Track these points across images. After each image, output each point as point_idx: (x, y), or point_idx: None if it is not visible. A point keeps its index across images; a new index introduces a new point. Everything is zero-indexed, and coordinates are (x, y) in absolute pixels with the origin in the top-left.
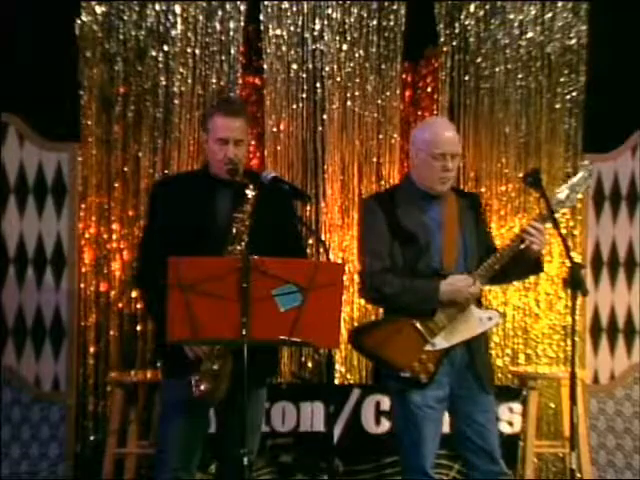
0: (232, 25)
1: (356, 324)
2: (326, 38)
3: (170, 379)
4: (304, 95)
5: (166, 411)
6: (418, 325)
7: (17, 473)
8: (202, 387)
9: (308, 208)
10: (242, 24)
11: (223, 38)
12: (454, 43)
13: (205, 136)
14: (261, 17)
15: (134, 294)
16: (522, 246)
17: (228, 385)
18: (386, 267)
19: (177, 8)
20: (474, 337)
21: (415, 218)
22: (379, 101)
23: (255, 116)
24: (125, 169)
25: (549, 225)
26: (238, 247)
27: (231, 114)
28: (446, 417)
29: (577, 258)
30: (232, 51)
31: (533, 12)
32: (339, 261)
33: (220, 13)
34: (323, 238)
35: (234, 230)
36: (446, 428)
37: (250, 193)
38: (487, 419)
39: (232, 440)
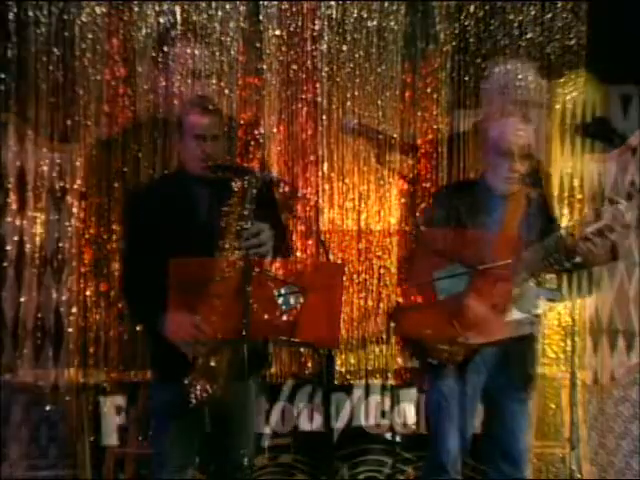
0: (232, 25)
1: (356, 324)
2: (326, 38)
3: (162, 383)
4: (304, 96)
5: (160, 414)
6: (453, 316)
7: (17, 473)
8: (199, 388)
9: (308, 208)
10: (242, 24)
11: (223, 38)
12: (454, 43)
13: (177, 136)
14: (261, 17)
15: None
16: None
17: (224, 382)
18: None
19: (177, 8)
20: (511, 339)
21: (476, 216)
22: (379, 102)
23: (255, 117)
24: (125, 169)
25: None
26: (228, 242)
27: (206, 110)
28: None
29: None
30: (232, 51)
31: (533, 13)
32: (339, 261)
33: (220, 13)
34: (323, 238)
35: (223, 225)
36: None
37: (236, 186)
38: (516, 424)
39: (225, 441)
